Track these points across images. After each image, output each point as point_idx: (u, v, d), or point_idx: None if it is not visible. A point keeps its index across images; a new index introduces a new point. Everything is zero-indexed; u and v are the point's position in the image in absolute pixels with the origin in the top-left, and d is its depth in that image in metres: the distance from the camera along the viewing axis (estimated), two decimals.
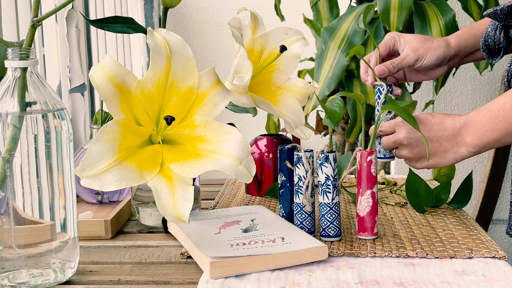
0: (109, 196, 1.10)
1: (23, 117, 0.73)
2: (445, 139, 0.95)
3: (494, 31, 1.04)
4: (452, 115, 0.96)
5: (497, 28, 1.04)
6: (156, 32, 0.76)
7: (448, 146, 0.95)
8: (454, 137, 0.94)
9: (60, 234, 0.77)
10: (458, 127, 0.94)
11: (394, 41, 1.09)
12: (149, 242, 0.93)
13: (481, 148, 0.93)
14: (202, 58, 2.60)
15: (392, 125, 0.99)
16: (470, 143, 0.93)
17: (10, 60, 0.74)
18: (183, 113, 0.80)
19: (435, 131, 0.95)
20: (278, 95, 0.97)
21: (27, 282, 0.75)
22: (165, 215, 0.73)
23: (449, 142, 0.94)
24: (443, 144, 0.95)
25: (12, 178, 0.74)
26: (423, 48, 1.08)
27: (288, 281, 0.76)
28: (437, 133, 0.95)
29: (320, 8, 2.09)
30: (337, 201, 0.90)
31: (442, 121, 0.95)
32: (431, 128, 0.95)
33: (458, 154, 0.95)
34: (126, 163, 0.73)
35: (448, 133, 0.94)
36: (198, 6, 2.59)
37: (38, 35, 1.36)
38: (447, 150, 0.95)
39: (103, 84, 0.72)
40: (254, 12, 0.94)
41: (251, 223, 0.91)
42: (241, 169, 0.77)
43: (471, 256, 0.83)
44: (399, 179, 1.27)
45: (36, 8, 0.76)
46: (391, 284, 0.75)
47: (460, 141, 0.94)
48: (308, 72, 2.11)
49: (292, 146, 0.93)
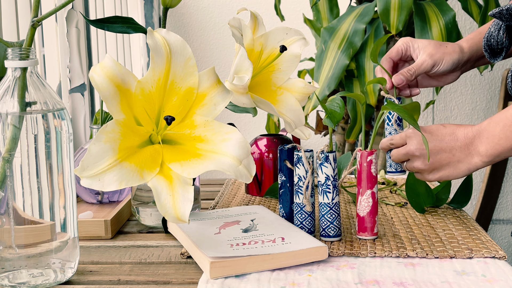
0: (109, 196, 1.10)
1: (23, 117, 0.73)
2: (458, 149, 0.93)
3: (498, 31, 1.04)
4: (464, 125, 0.94)
5: (500, 28, 1.04)
6: (156, 32, 0.76)
7: (461, 156, 0.93)
8: (467, 147, 0.92)
9: (60, 234, 0.77)
10: (471, 136, 0.92)
11: (407, 46, 1.07)
12: (149, 242, 0.93)
13: (495, 157, 0.91)
14: (202, 58, 2.60)
15: (403, 136, 0.97)
16: (483, 152, 0.91)
17: (10, 60, 0.74)
18: (183, 113, 0.80)
19: (448, 141, 0.93)
20: (278, 95, 0.97)
21: (27, 282, 0.75)
22: (165, 215, 0.73)
23: (462, 152, 0.92)
24: (456, 155, 0.93)
25: (12, 178, 0.74)
26: (439, 53, 1.06)
27: (288, 281, 0.76)
28: (450, 143, 0.93)
29: (320, 8, 2.09)
30: (337, 201, 0.90)
31: (454, 131, 0.93)
32: (443, 139, 0.93)
33: (471, 165, 0.93)
34: (126, 163, 0.73)
35: (461, 143, 0.92)
36: (198, 6, 2.59)
37: (38, 35, 1.36)
38: (460, 161, 0.93)
39: (103, 84, 0.72)
40: (254, 12, 0.94)
41: (251, 223, 0.91)
42: (241, 169, 0.77)
43: (471, 256, 0.83)
44: (399, 179, 1.27)
45: (36, 8, 0.76)
46: (391, 284, 0.75)
47: (473, 151, 0.92)
48: (308, 72, 2.11)
49: (292, 146, 0.93)
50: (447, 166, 0.93)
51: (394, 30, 1.75)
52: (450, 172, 0.94)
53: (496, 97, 2.56)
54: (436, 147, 0.93)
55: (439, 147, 0.93)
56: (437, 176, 0.95)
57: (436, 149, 0.93)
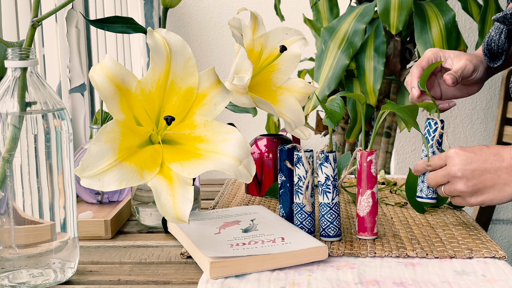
0: (109, 196, 1.10)
1: (23, 117, 0.73)
2: (504, 170, 0.87)
3: (499, 35, 1.04)
4: (509, 146, 0.89)
5: (502, 32, 1.04)
6: (156, 32, 0.76)
7: (508, 178, 0.87)
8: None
9: (60, 234, 0.77)
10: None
11: (437, 57, 1.05)
12: (149, 242, 0.93)
13: None
14: (202, 58, 2.60)
15: (443, 157, 0.91)
16: None
17: (10, 60, 0.74)
18: (183, 113, 0.80)
19: (492, 162, 0.88)
20: (278, 95, 0.97)
21: (27, 282, 0.75)
22: (165, 215, 0.73)
23: (508, 174, 0.87)
24: (501, 176, 0.87)
25: (12, 178, 0.74)
26: (475, 60, 1.04)
27: (288, 281, 0.76)
28: (494, 164, 0.87)
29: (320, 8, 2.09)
30: (337, 201, 0.90)
31: (499, 152, 0.88)
32: (487, 159, 0.88)
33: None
34: (126, 163, 0.73)
35: (507, 164, 0.87)
36: (198, 6, 2.59)
37: (38, 35, 1.36)
38: (506, 183, 0.87)
39: (103, 84, 0.72)
40: (254, 12, 0.94)
41: (251, 223, 0.91)
42: (241, 169, 0.77)
43: (471, 256, 0.83)
44: (399, 179, 1.27)
45: (36, 8, 0.76)
46: (391, 284, 0.75)
47: None
48: (308, 72, 2.11)
49: (292, 146, 0.93)
50: (492, 189, 0.88)
51: (394, 30, 1.75)
52: (494, 196, 0.88)
53: (496, 97, 2.56)
54: (479, 168, 0.88)
55: (483, 168, 0.88)
56: (479, 200, 0.89)
57: (479, 170, 0.88)
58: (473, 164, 0.88)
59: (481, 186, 0.88)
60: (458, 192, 0.89)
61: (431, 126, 0.97)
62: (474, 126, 2.57)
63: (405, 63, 1.98)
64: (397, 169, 2.55)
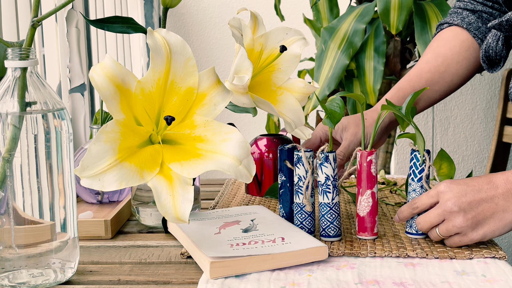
0: (109, 196, 1.10)
1: (23, 117, 0.73)
2: (500, 197, 0.83)
3: (496, 42, 1.04)
4: (498, 172, 0.86)
5: (499, 39, 1.04)
6: (156, 32, 0.76)
7: (506, 204, 0.83)
8: (510, 192, 0.83)
9: (60, 234, 0.77)
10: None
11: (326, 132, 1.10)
12: (149, 242, 0.93)
13: None
14: (202, 58, 2.60)
15: (433, 194, 0.86)
16: None
17: (10, 60, 0.74)
18: (183, 113, 0.80)
19: (487, 190, 0.84)
20: (278, 95, 0.97)
21: (27, 282, 0.75)
22: (165, 215, 0.73)
23: (506, 200, 0.83)
24: (499, 203, 0.83)
25: (12, 178, 0.74)
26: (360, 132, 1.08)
27: (288, 281, 0.76)
28: (489, 192, 0.83)
29: (320, 8, 2.09)
30: (337, 201, 0.90)
31: (491, 179, 0.85)
32: (481, 188, 0.84)
33: None
34: (126, 163, 0.73)
35: (502, 190, 0.83)
36: (198, 6, 2.59)
37: (38, 35, 1.36)
38: (505, 210, 0.83)
39: (103, 84, 0.72)
40: (254, 12, 0.94)
41: (251, 223, 0.91)
42: (241, 169, 0.77)
43: (471, 257, 0.83)
44: (399, 179, 1.27)
45: (36, 8, 0.76)
46: (391, 284, 0.75)
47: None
48: (308, 72, 2.11)
49: (292, 146, 0.93)
50: (491, 219, 0.83)
51: (394, 30, 1.75)
52: (496, 226, 0.84)
53: (496, 97, 2.56)
54: (475, 198, 0.83)
55: (479, 198, 0.83)
56: (481, 233, 0.84)
57: (476, 201, 0.83)
58: (468, 196, 0.83)
59: (480, 217, 0.83)
60: (457, 229, 0.83)
61: (418, 158, 0.89)
62: (474, 126, 2.57)
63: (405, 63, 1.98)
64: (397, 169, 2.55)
